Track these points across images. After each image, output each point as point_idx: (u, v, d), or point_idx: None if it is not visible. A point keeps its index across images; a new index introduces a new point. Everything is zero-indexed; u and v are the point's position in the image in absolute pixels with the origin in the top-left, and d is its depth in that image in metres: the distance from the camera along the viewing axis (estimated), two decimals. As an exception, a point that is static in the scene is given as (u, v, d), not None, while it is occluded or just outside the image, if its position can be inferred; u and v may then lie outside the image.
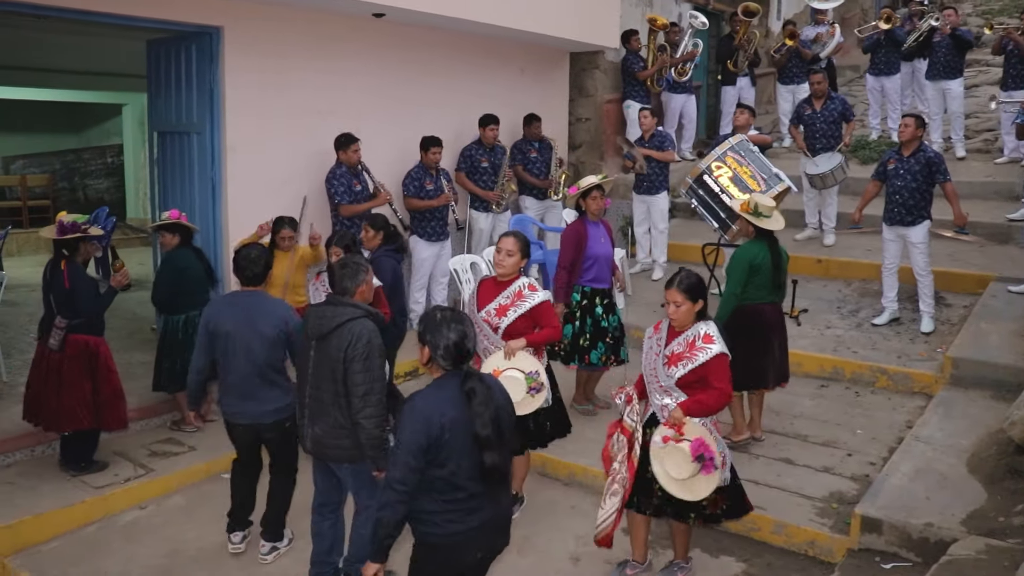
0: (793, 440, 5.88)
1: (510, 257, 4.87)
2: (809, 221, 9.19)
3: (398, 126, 7.86)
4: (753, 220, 5.62)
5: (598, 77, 10.41)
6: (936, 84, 10.10)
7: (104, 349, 5.49)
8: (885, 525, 4.57)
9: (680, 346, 4.20)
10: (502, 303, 4.88)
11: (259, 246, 4.79)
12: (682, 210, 9.86)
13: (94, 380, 5.39)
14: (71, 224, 5.24)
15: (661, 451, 4.08)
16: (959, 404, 5.93)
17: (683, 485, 4.04)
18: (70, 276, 5.24)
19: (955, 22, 9.94)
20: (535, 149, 9.00)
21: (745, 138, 7.64)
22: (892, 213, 7.06)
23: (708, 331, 4.21)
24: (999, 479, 4.90)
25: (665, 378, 4.20)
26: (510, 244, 4.89)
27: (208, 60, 6.47)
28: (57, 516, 5.06)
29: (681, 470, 4.01)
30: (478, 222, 8.56)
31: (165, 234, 6.01)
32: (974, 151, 10.48)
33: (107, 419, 5.49)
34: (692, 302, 4.17)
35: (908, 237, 7.00)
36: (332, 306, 4.09)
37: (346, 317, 3.99)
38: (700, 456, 3.99)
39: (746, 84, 11.41)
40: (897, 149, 7.18)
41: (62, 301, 5.26)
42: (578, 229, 6.17)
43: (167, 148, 6.97)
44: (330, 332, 3.99)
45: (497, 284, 4.98)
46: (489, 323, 4.87)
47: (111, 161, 16.26)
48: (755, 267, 5.56)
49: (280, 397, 4.56)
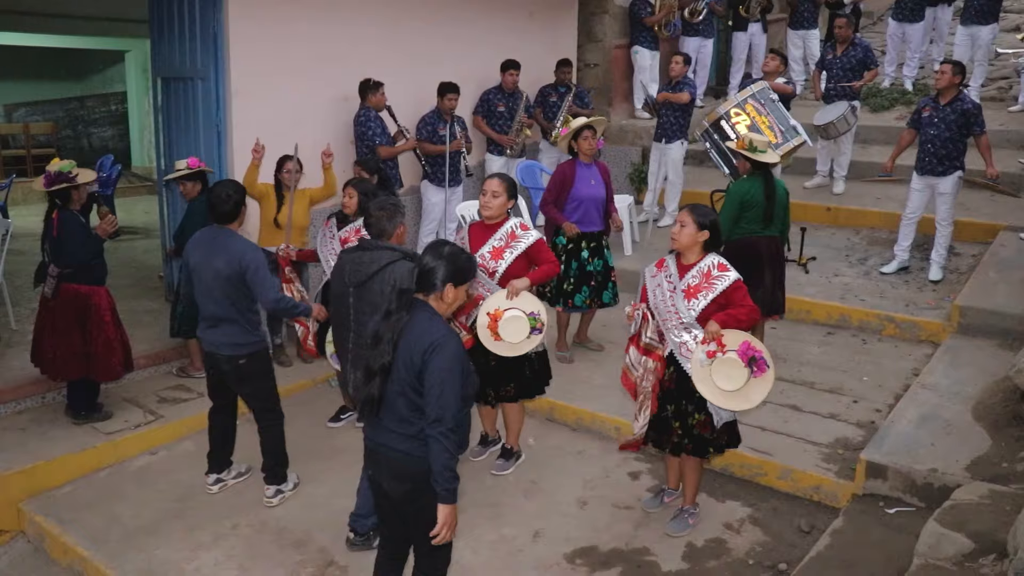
0: (800, 387, 5.90)
1: (495, 198, 4.82)
2: (820, 169, 9.10)
3: (406, 72, 7.76)
4: (749, 155, 5.71)
5: (607, 22, 10.25)
6: (968, 29, 9.74)
7: (99, 300, 5.37)
8: (890, 471, 4.60)
9: (695, 278, 4.20)
10: (496, 245, 4.85)
11: (233, 183, 4.75)
12: (692, 157, 9.76)
13: (85, 330, 5.34)
14: (56, 174, 5.16)
15: (706, 368, 4.07)
16: (966, 352, 5.93)
17: (737, 396, 4.07)
18: (60, 224, 5.19)
19: None
20: (556, 94, 8.99)
21: (767, 86, 7.50)
22: (924, 162, 6.90)
23: (720, 260, 4.23)
24: (1003, 426, 4.92)
25: (687, 312, 4.18)
26: (495, 185, 4.85)
27: (211, 4, 6.36)
28: (69, 461, 5.13)
29: (733, 380, 4.04)
30: (492, 165, 8.60)
31: (186, 183, 5.94)
32: (987, 99, 10.30)
33: (97, 369, 5.44)
34: (698, 228, 4.17)
35: (937, 187, 6.89)
36: (368, 251, 4.06)
37: (385, 261, 3.97)
38: (752, 359, 4.02)
39: (757, 31, 11.20)
40: (934, 96, 6.96)
41: (53, 249, 5.25)
42: (564, 170, 6.19)
43: (171, 95, 6.89)
44: (370, 278, 3.97)
45: (486, 227, 4.94)
46: (485, 268, 4.80)
47: (115, 109, 16.15)
48: (747, 203, 5.67)
49: (237, 334, 4.57)
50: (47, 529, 4.68)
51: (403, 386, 3.16)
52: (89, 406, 5.59)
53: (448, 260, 3.23)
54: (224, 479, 5.02)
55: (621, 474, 5.12)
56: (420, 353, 3.10)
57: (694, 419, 4.27)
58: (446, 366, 3.08)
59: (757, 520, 4.67)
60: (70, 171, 5.22)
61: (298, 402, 5.91)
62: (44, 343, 5.39)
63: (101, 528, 4.64)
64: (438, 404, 3.07)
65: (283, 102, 6.79)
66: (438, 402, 3.07)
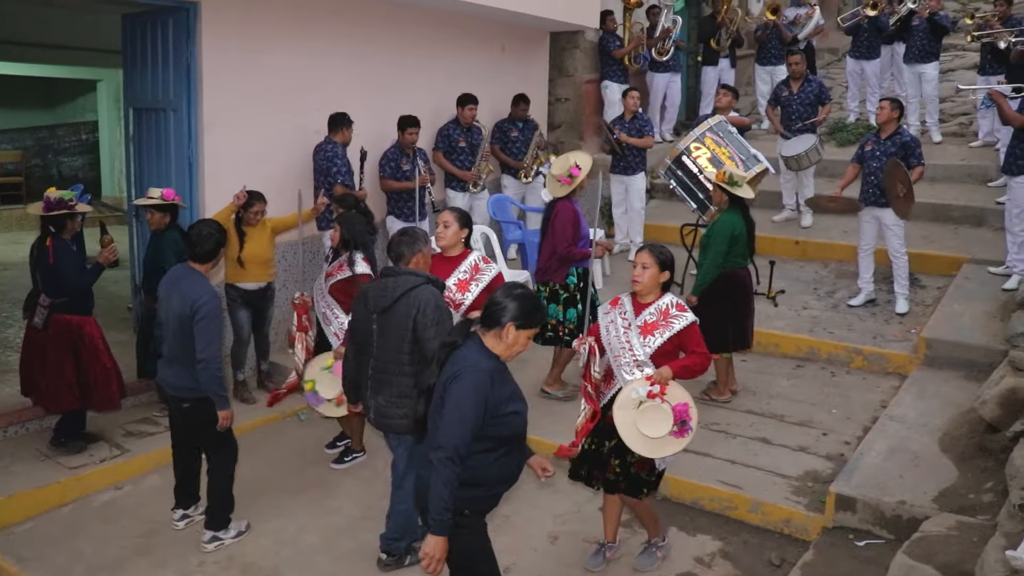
0: (769, 420, 5.94)
1: (447, 228, 4.88)
2: (786, 203, 9.23)
3: (379, 105, 7.78)
4: (729, 188, 5.87)
5: (578, 57, 10.38)
6: (912, 68, 10.16)
7: (91, 328, 5.41)
8: (859, 503, 4.64)
9: (652, 315, 4.23)
10: (461, 278, 4.88)
11: (214, 223, 4.70)
12: (660, 191, 9.89)
13: (79, 360, 5.32)
14: (57, 200, 5.21)
15: (639, 406, 4.03)
16: (932, 384, 6.02)
17: (648, 442, 4.03)
18: (55, 252, 5.21)
19: (934, 7, 10.00)
20: (517, 129, 8.97)
21: (724, 119, 7.66)
22: (867, 194, 7.11)
23: (679, 301, 4.29)
24: (970, 457, 4.99)
25: (641, 349, 4.18)
26: (446, 216, 4.93)
27: (185, 36, 6.37)
28: (31, 497, 5.02)
29: (657, 429, 4.01)
30: (455, 202, 8.51)
31: (155, 213, 5.87)
32: (949, 135, 10.56)
33: (95, 400, 5.44)
34: (660, 269, 4.23)
35: (882, 219, 7.04)
36: (391, 277, 4.12)
37: (408, 286, 4.03)
38: (682, 421, 4.02)
39: (726, 66, 11.42)
40: (875, 132, 7.26)
41: (47, 278, 5.22)
42: (574, 209, 6.14)
43: (143, 125, 6.87)
44: (393, 303, 4.02)
45: (448, 260, 4.98)
46: (451, 300, 4.80)
47: (86, 138, 16.00)
48: (735, 236, 5.85)
49: (184, 376, 4.49)
50: (4, 567, 4.55)
51: (436, 410, 3.22)
52: (74, 434, 5.56)
53: (517, 301, 3.26)
54: (191, 515, 4.94)
55: (592, 509, 5.11)
56: (445, 381, 3.17)
57: (634, 456, 4.18)
58: (461, 395, 3.10)
59: (728, 554, 4.67)
60: (70, 199, 5.28)
61: (269, 434, 5.85)
62: (35, 376, 5.33)
63: (63, 566, 4.53)
64: (444, 430, 3.10)
65: (255, 134, 6.79)
66: (445, 429, 3.10)
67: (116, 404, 5.61)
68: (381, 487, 5.32)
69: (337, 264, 5.38)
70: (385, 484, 5.31)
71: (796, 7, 11.43)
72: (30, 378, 5.41)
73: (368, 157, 7.25)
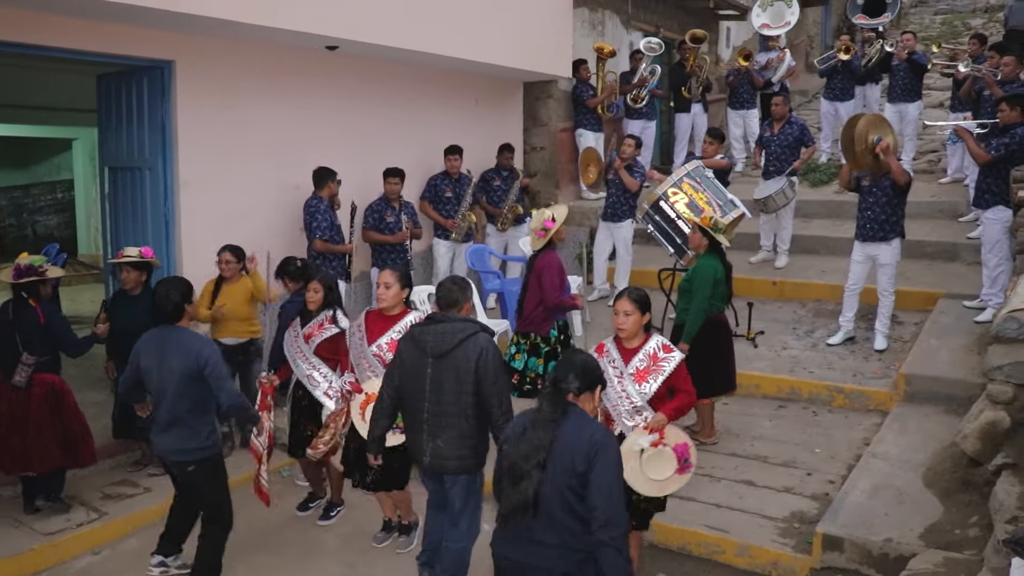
0: (753, 461, 5.92)
1: (388, 289, 4.85)
2: (764, 244, 9.31)
3: (356, 159, 7.82)
4: (712, 233, 6.01)
5: (552, 106, 10.50)
6: (895, 107, 10.41)
7: (65, 386, 5.48)
8: (846, 543, 4.62)
9: (643, 361, 4.33)
10: (394, 338, 4.77)
11: (175, 280, 4.68)
12: (639, 235, 9.94)
13: (61, 418, 5.35)
14: (27, 267, 5.24)
15: (642, 456, 4.19)
16: (913, 420, 6.03)
17: (656, 484, 4.23)
18: (45, 312, 5.30)
19: (911, 47, 10.26)
20: (500, 178, 9.09)
21: (701, 163, 7.75)
22: (865, 230, 7.02)
23: (664, 341, 4.40)
24: (954, 492, 4.99)
25: (638, 396, 4.28)
26: (387, 276, 4.89)
27: (160, 95, 6.41)
28: (4, 566, 4.89)
29: (663, 472, 4.21)
30: (439, 250, 8.61)
31: (131, 272, 5.83)
32: (919, 172, 10.74)
33: (80, 455, 5.50)
34: (641, 313, 4.33)
35: (878, 257, 6.99)
36: (446, 323, 4.20)
37: (467, 332, 4.15)
38: (685, 459, 4.23)
39: (699, 111, 11.60)
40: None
41: (34, 338, 5.22)
42: (558, 259, 6.17)
43: (119, 183, 6.87)
44: (453, 348, 4.11)
45: (385, 318, 4.93)
46: (381, 358, 4.79)
47: (61, 196, 15.96)
48: (718, 280, 5.95)
49: (188, 438, 4.46)
50: (-20, 639, 4.46)
51: (561, 490, 3.02)
52: (59, 493, 5.53)
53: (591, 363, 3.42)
54: (168, 564, 4.83)
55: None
56: (583, 454, 3.02)
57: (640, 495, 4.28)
58: (614, 470, 3.04)
59: (717, 599, 4.63)
60: (40, 265, 5.31)
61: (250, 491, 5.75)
62: (10, 437, 5.25)
63: (38, 636, 4.42)
64: (607, 506, 2.94)
65: (232, 191, 6.81)
66: (607, 504, 2.95)
67: (94, 459, 5.68)
68: (363, 543, 5.27)
69: (317, 324, 5.34)
70: (366, 539, 5.26)
71: (766, 52, 11.68)
72: (6, 442, 5.29)
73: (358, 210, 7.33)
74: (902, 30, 11.59)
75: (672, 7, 12.76)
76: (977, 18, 22.02)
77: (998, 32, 14.85)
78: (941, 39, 17.12)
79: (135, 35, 6.03)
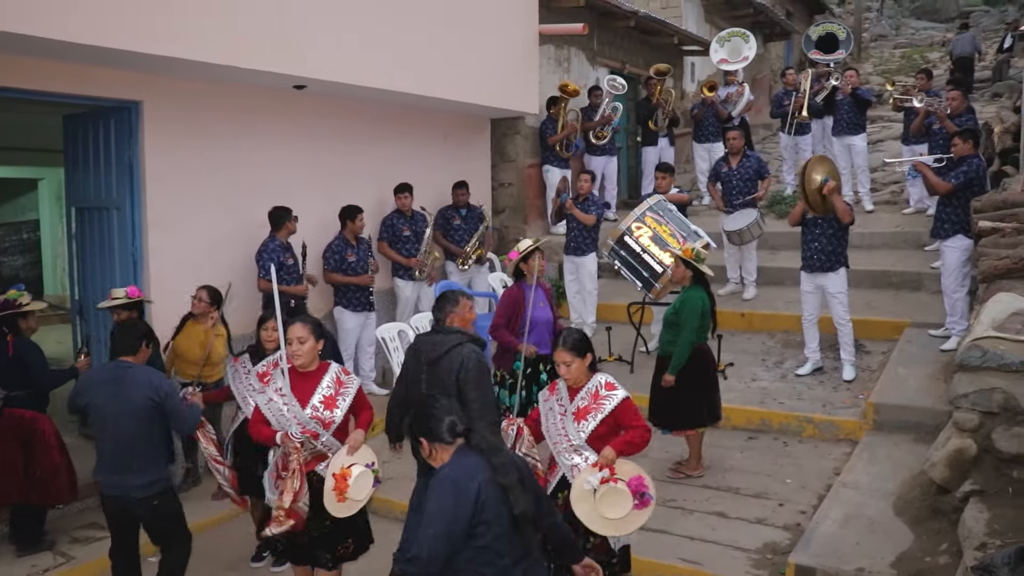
0: (726, 493, 5.94)
1: (303, 344, 4.34)
2: (731, 276, 9.42)
3: (325, 197, 7.82)
4: (696, 264, 6.11)
5: (519, 142, 10.60)
6: (841, 140, 10.67)
7: (43, 425, 5.39)
8: (818, 573, 4.64)
9: (584, 400, 4.27)
10: (325, 395, 4.41)
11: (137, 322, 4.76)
12: (607, 270, 10.00)
13: (28, 455, 5.24)
14: (4, 301, 5.30)
15: (595, 495, 4.04)
16: (883, 448, 6.09)
17: (616, 523, 4.07)
18: (16, 346, 5.29)
19: (855, 82, 10.52)
20: (460, 217, 9.08)
21: (663, 198, 7.86)
22: (811, 261, 7.18)
23: (608, 379, 4.30)
24: (924, 520, 5.03)
25: (576, 435, 4.21)
26: (299, 331, 4.36)
27: (127, 135, 6.40)
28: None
29: (619, 509, 4.04)
30: (403, 291, 8.50)
31: (122, 313, 5.79)
32: (882, 203, 10.97)
33: (42, 493, 5.36)
34: (581, 358, 4.25)
35: (826, 287, 7.17)
36: (441, 333, 4.54)
37: (454, 343, 4.43)
38: (641, 493, 4.06)
39: (665, 144, 11.78)
40: None
41: (4, 371, 5.18)
42: (514, 293, 6.19)
43: (86, 224, 6.82)
44: (441, 356, 4.40)
45: (305, 377, 4.44)
46: (320, 420, 4.35)
47: (27, 237, 15.77)
48: (704, 311, 6.04)
49: (150, 472, 4.42)
50: None
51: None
52: (34, 537, 5.42)
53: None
54: None
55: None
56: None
57: (590, 542, 4.16)
58: (434, 505, 3.11)
59: (692, 633, 4.62)
60: (17, 299, 5.34)
61: (212, 535, 5.67)
62: None
63: None
64: (413, 534, 3.14)
65: (201, 230, 6.78)
66: (414, 532, 3.16)
67: (66, 498, 5.56)
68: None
69: (272, 362, 5.02)
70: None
71: (727, 86, 11.91)
72: None
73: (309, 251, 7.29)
74: (845, 67, 11.87)
75: (637, 43, 12.98)
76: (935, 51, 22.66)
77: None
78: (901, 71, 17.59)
79: (102, 76, 6.02)
